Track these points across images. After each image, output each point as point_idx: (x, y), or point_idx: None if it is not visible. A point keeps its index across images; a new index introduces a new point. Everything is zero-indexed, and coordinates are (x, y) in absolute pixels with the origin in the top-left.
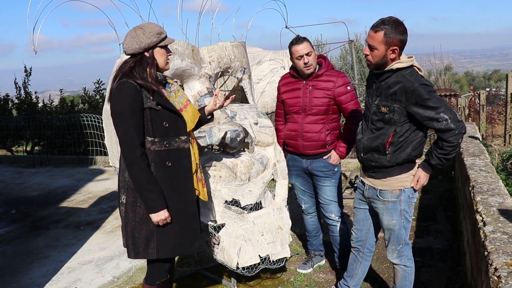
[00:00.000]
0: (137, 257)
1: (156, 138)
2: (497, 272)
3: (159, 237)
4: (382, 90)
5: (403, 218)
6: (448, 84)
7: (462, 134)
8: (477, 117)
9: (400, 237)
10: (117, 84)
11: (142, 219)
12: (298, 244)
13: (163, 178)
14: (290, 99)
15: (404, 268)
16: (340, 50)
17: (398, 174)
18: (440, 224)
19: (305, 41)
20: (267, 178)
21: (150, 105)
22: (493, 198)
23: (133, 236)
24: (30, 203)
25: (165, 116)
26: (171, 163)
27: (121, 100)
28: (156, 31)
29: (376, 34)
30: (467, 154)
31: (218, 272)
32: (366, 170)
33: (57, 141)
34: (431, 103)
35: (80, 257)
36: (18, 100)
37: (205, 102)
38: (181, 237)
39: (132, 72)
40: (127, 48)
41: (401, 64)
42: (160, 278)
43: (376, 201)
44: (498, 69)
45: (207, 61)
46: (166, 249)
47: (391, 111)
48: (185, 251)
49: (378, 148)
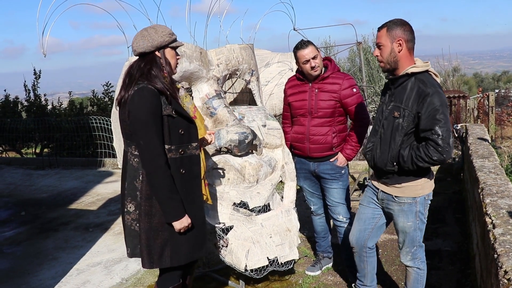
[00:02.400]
0: (152, 267)
1: (173, 146)
2: (507, 275)
3: (173, 245)
4: (397, 94)
5: (418, 219)
6: (456, 86)
7: (443, 157)
8: (486, 118)
9: (415, 239)
10: (137, 89)
11: (157, 228)
12: (307, 246)
13: (178, 186)
14: (296, 102)
15: (417, 271)
16: (348, 52)
17: (412, 180)
18: (449, 227)
19: (310, 45)
20: (275, 180)
21: (168, 112)
22: (503, 200)
23: (148, 246)
24: (39, 205)
25: (180, 123)
26: (184, 170)
27: (143, 106)
28: (168, 31)
29: (380, 32)
30: (476, 156)
31: (227, 274)
32: (379, 177)
33: (66, 143)
34: (438, 115)
35: (88, 259)
36: (28, 102)
37: (213, 104)
38: (193, 243)
39: (150, 73)
40: (137, 47)
41: (417, 69)
42: (173, 283)
43: (392, 203)
44: (507, 70)
45: (215, 64)
46: (179, 257)
47: (401, 116)
48: (196, 256)
49: (388, 161)
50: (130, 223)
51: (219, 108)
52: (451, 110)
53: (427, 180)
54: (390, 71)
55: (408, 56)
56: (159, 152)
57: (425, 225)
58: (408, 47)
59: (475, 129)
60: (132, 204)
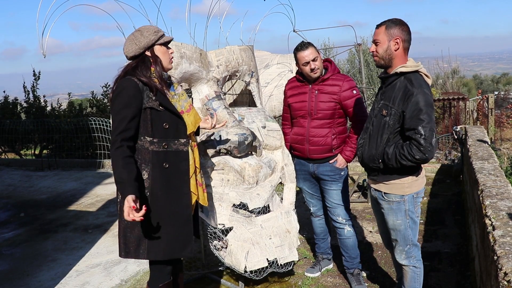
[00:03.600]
0: (127, 257)
1: (155, 138)
2: (507, 276)
3: (149, 239)
4: (387, 93)
5: (408, 218)
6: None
7: (426, 157)
8: (486, 120)
9: (407, 238)
10: (120, 81)
11: (134, 220)
12: (306, 247)
13: (159, 179)
14: (296, 103)
15: (414, 269)
16: (348, 54)
17: (398, 178)
18: (449, 228)
19: (310, 46)
20: (275, 182)
21: (151, 105)
22: (502, 202)
23: (125, 235)
24: (39, 206)
25: (166, 117)
26: (168, 164)
27: (118, 95)
28: (153, 30)
29: (378, 29)
30: (475, 157)
31: (226, 276)
32: (369, 173)
33: (65, 145)
34: (421, 115)
35: (88, 260)
36: (27, 104)
37: (213, 106)
38: (173, 240)
39: (135, 71)
40: (127, 52)
41: (406, 68)
42: (163, 280)
43: (382, 201)
44: (506, 72)
45: (215, 65)
46: (157, 251)
47: (388, 114)
48: (176, 254)
49: (374, 158)
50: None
51: (218, 109)
52: (450, 112)
53: (414, 179)
54: (383, 67)
55: (403, 55)
56: (118, 138)
57: (422, 227)
58: (404, 47)
59: (475, 131)
60: (119, 193)
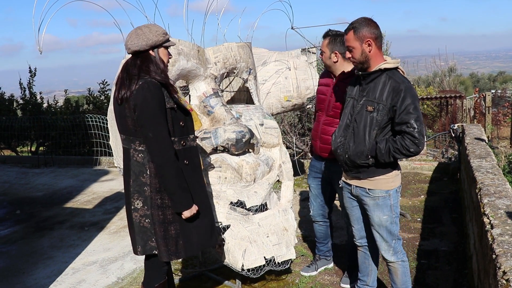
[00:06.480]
0: (170, 259)
1: (176, 137)
2: (505, 275)
3: (184, 236)
4: (370, 90)
5: (393, 213)
6: (453, 86)
7: (419, 149)
8: (483, 119)
9: (393, 232)
10: (142, 83)
11: (170, 220)
12: (303, 245)
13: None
14: (320, 95)
15: (402, 264)
16: None
17: (383, 174)
18: (446, 226)
19: (328, 38)
20: (273, 180)
21: (171, 105)
22: (500, 200)
23: (165, 238)
24: (35, 204)
25: (180, 115)
26: (188, 161)
27: (150, 99)
28: (162, 31)
29: (348, 35)
30: (473, 156)
31: (223, 274)
32: (349, 171)
33: (61, 142)
34: (412, 109)
35: (84, 258)
36: (23, 100)
37: (210, 103)
38: (201, 232)
39: (149, 68)
40: (132, 45)
41: (389, 65)
42: (159, 280)
43: (366, 198)
44: (503, 71)
45: (212, 62)
46: (192, 246)
47: (375, 110)
48: (207, 244)
49: (363, 154)
50: (139, 220)
51: (216, 106)
52: (447, 110)
53: (397, 173)
54: (364, 69)
55: (378, 53)
56: (168, 144)
57: (420, 225)
58: (377, 46)
59: (472, 129)
60: (139, 201)
